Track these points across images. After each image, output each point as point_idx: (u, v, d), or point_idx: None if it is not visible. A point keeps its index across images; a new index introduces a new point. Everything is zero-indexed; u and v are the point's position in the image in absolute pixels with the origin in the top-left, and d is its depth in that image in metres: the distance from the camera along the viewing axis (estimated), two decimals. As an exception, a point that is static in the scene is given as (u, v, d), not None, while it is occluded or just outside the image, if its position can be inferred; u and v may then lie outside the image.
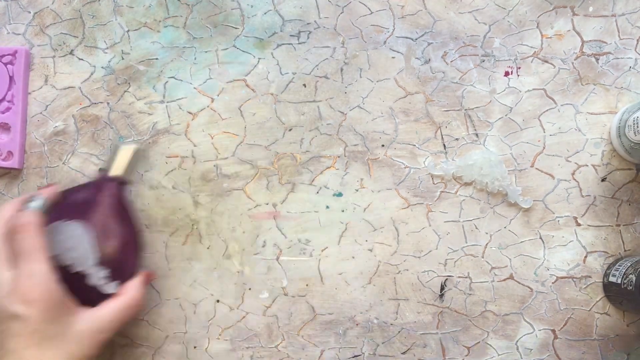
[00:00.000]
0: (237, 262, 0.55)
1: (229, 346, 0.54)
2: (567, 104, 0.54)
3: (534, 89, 0.54)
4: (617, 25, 0.54)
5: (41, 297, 0.42)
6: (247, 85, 0.55)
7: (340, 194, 0.55)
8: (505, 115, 0.54)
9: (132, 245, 0.50)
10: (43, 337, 0.41)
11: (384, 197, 0.55)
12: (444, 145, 0.54)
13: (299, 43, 0.55)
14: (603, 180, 0.54)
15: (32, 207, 0.46)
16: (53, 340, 0.42)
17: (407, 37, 0.54)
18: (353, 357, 0.54)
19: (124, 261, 0.48)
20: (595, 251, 0.53)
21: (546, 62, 0.54)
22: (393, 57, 0.54)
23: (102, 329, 0.45)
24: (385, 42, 0.54)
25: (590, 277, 0.54)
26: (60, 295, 0.43)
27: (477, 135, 0.54)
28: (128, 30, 0.55)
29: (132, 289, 0.48)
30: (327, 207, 0.55)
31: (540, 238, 0.54)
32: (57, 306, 0.42)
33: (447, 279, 0.54)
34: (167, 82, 0.55)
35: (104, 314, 0.45)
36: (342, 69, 0.55)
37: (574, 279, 0.53)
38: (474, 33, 0.54)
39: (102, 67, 0.55)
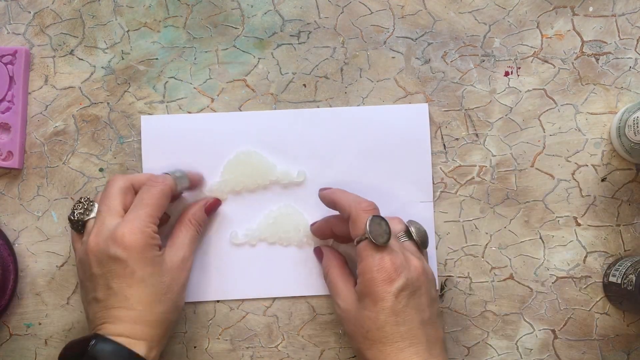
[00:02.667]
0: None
1: (229, 346, 0.54)
2: (567, 104, 0.54)
3: (534, 89, 0.54)
4: (617, 25, 0.54)
5: (135, 242, 0.46)
6: (247, 85, 0.55)
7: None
8: (505, 115, 0.54)
9: None
10: (142, 277, 0.46)
11: (384, 197, 0.54)
12: (444, 145, 0.54)
13: (299, 43, 0.55)
14: (603, 180, 0.54)
15: (172, 174, 0.51)
16: (150, 279, 0.46)
17: (407, 37, 0.54)
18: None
19: None
20: (595, 251, 0.53)
21: (546, 62, 0.54)
22: (393, 57, 0.54)
23: (185, 257, 0.49)
24: (385, 42, 0.54)
25: (590, 277, 0.54)
26: (150, 238, 0.47)
27: (477, 135, 0.54)
28: (128, 30, 0.55)
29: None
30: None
31: (540, 238, 0.54)
32: (148, 248, 0.47)
33: (447, 279, 0.54)
34: (167, 82, 0.55)
35: (181, 243, 0.50)
36: (342, 69, 0.55)
37: (574, 279, 0.53)
38: (474, 33, 0.54)
39: (102, 67, 0.55)
